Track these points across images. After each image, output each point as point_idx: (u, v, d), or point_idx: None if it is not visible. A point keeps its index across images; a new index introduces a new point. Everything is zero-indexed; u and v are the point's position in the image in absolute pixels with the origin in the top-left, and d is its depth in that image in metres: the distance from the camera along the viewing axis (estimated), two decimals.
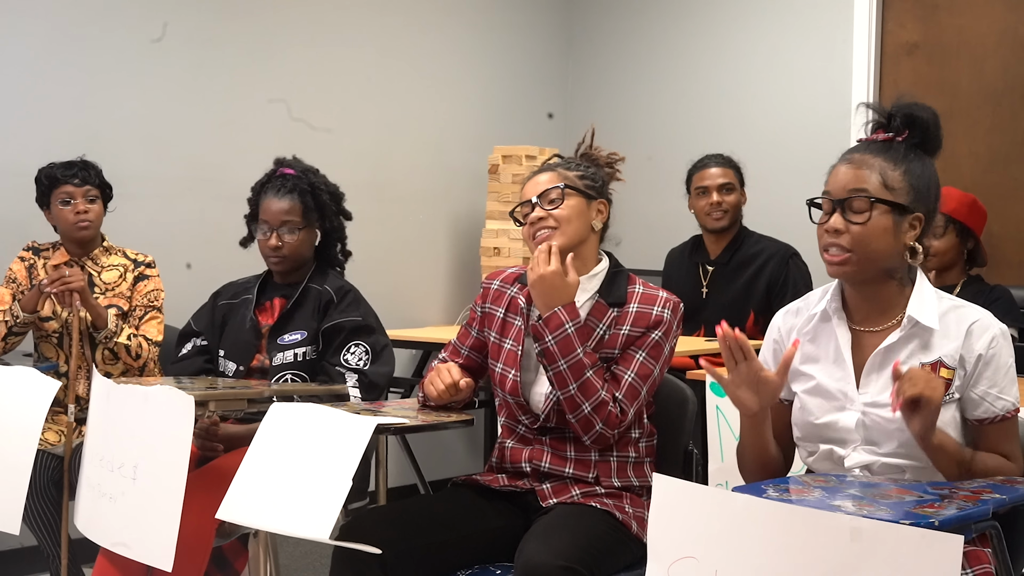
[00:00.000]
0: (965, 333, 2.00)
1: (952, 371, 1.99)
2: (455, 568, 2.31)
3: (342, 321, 2.90)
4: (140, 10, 4.08)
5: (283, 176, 3.02)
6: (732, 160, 4.17)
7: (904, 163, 2.02)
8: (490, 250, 4.83)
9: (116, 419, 2.41)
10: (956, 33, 4.54)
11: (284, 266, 2.99)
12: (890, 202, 1.99)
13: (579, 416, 2.32)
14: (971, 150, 4.49)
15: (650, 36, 5.35)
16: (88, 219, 3.38)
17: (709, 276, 4.12)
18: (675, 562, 1.61)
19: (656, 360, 2.39)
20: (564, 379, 2.31)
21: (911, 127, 2.04)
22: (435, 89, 5.07)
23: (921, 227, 2.02)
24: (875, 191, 1.99)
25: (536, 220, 2.43)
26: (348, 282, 3.03)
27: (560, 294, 2.34)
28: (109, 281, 3.42)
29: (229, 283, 3.14)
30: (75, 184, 3.37)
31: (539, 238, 2.42)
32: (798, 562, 1.49)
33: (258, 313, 3.00)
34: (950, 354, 2.00)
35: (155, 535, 2.25)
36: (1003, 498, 1.74)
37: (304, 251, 3.00)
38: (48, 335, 3.38)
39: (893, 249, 2.00)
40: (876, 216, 1.99)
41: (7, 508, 2.51)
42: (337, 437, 2.16)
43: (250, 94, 4.40)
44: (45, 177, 3.40)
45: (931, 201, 2.04)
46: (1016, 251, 4.40)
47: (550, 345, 2.31)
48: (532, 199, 2.45)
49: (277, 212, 2.95)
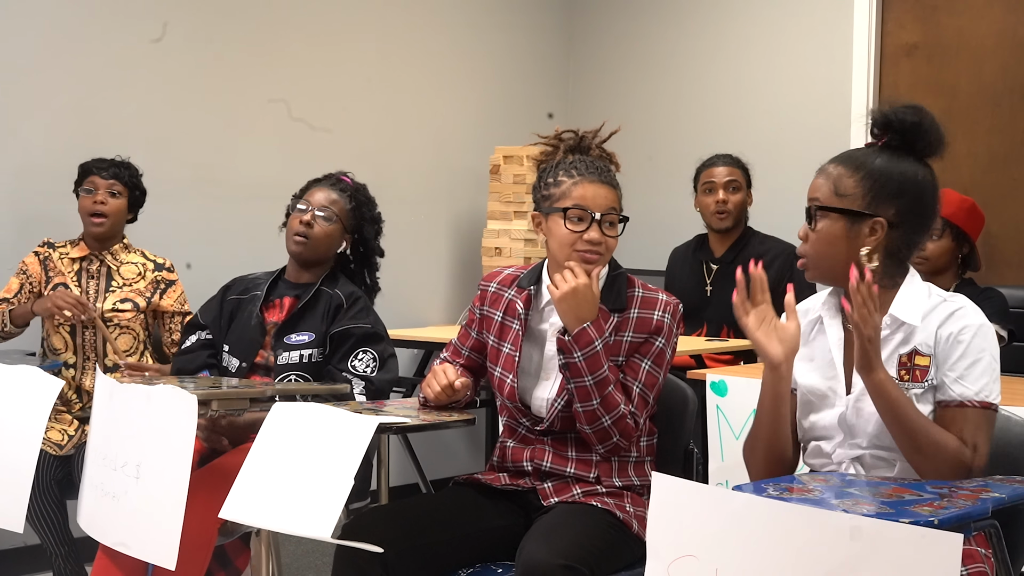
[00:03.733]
0: (942, 318, 2.01)
1: (928, 357, 2.00)
2: (456, 567, 2.31)
3: (352, 327, 2.90)
4: (140, 10, 4.08)
5: (340, 179, 3.12)
6: (740, 160, 4.17)
7: (866, 168, 2.03)
8: (491, 250, 4.84)
9: (119, 418, 2.42)
10: (955, 34, 4.55)
11: (305, 250, 2.99)
12: (837, 209, 2.02)
13: (597, 428, 2.32)
14: (970, 151, 4.50)
15: (650, 36, 5.36)
16: (104, 211, 3.41)
17: (713, 275, 4.12)
18: (675, 560, 1.61)
19: (660, 367, 2.40)
20: (588, 394, 2.30)
21: (888, 130, 2.06)
22: (435, 89, 5.08)
23: (885, 231, 2.02)
24: (824, 199, 2.05)
25: (594, 241, 2.34)
26: (359, 289, 3.04)
27: (590, 308, 2.31)
28: (128, 277, 3.46)
29: (240, 277, 3.14)
30: (102, 176, 3.42)
31: (590, 260, 2.34)
32: (798, 561, 1.50)
33: (265, 310, 3.00)
34: (924, 341, 2.01)
35: (158, 534, 2.26)
36: (1002, 497, 1.74)
37: (328, 245, 3.02)
38: (60, 324, 3.39)
39: (847, 256, 2.03)
40: (826, 224, 2.04)
41: (11, 507, 2.52)
42: (339, 436, 2.16)
43: (250, 94, 4.40)
44: (81, 167, 3.47)
45: (904, 203, 2.03)
46: (1015, 251, 4.41)
47: (578, 361, 2.29)
48: (595, 214, 2.36)
49: (322, 197, 3.03)
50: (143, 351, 3.48)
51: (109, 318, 3.39)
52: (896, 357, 2.02)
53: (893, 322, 2.04)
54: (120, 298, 3.41)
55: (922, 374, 2.00)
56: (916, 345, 2.01)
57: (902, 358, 2.01)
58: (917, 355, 2.01)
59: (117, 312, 3.40)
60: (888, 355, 2.02)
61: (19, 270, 3.44)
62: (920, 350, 2.01)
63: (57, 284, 3.39)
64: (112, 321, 3.40)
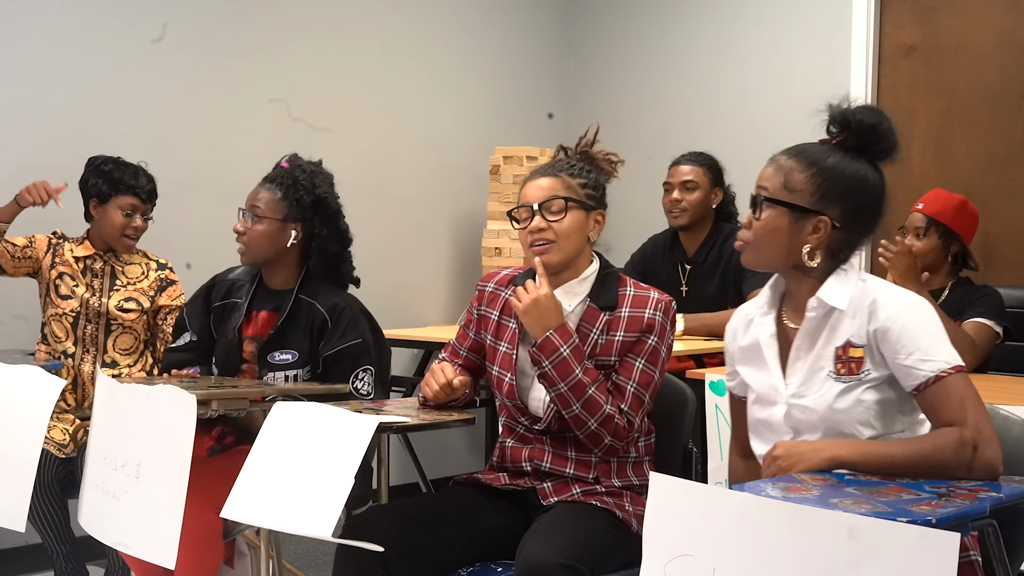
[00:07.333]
0: (868, 311, 1.97)
1: (861, 349, 1.97)
2: (456, 566, 2.32)
3: (343, 347, 2.81)
4: (140, 10, 4.09)
5: (276, 168, 2.98)
6: (708, 158, 4.12)
7: (818, 165, 2.01)
8: (491, 250, 4.84)
9: (119, 418, 2.43)
10: (954, 35, 4.56)
11: (245, 256, 2.89)
12: (784, 203, 2.01)
13: (587, 432, 2.32)
14: (969, 151, 4.51)
15: (650, 36, 5.36)
16: (138, 235, 3.49)
17: (687, 274, 4.12)
18: (672, 560, 1.61)
19: (655, 365, 2.39)
20: (567, 400, 2.31)
21: (846, 130, 2.04)
22: (435, 89, 5.08)
23: (828, 231, 1.99)
24: (773, 191, 2.03)
25: (536, 230, 2.39)
26: (341, 297, 2.91)
27: (555, 316, 2.32)
28: (132, 276, 3.49)
29: (220, 278, 3.05)
30: (142, 199, 3.47)
31: (536, 250, 2.38)
32: (796, 560, 1.50)
33: (244, 323, 2.92)
34: (856, 333, 1.98)
35: (158, 533, 2.26)
36: (1000, 496, 1.75)
37: (270, 243, 2.86)
38: (63, 314, 3.40)
39: (788, 249, 2.01)
40: (771, 215, 2.02)
41: (13, 506, 2.52)
42: (340, 436, 2.17)
43: (250, 94, 4.41)
44: (115, 175, 3.44)
45: (850, 205, 2.00)
46: (1013, 251, 4.41)
47: (548, 370, 2.30)
48: (533, 206, 2.40)
49: (250, 197, 2.91)
50: (143, 351, 3.49)
51: (114, 317, 3.41)
52: (831, 349, 2.00)
53: (821, 305, 2.01)
54: (124, 296, 3.43)
55: (857, 366, 1.97)
56: (849, 337, 1.98)
57: (837, 351, 1.99)
58: (851, 347, 1.98)
59: (122, 313, 3.41)
60: (822, 345, 2.01)
61: (30, 237, 3.46)
62: (853, 342, 1.98)
63: (62, 273, 3.42)
64: (116, 321, 3.41)
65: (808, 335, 2.03)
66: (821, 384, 2.00)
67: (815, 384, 2.01)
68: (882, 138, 2.02)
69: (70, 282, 3.41)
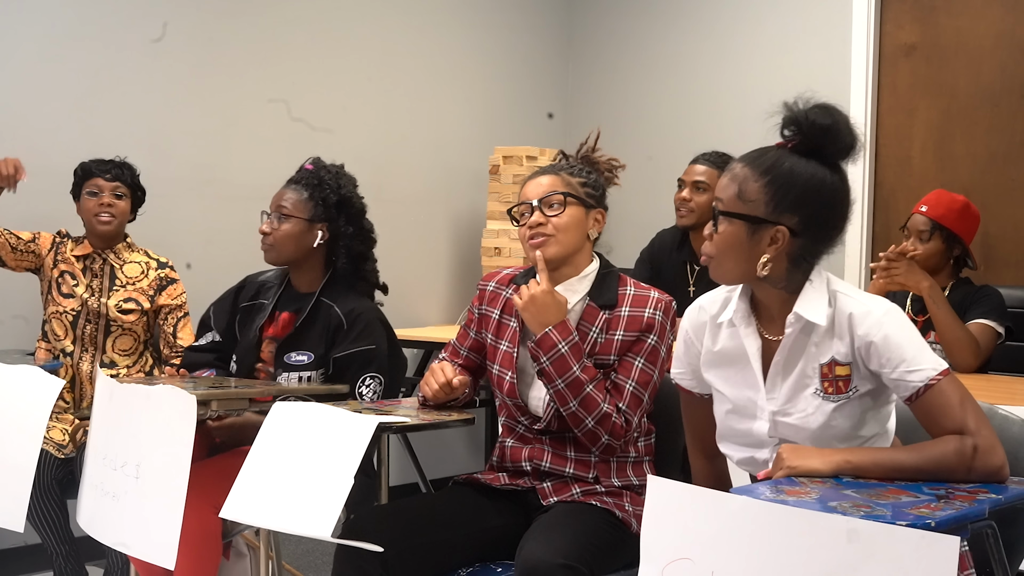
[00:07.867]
0: (847, 327, 1.92)
1: (847, 367, 1.93)
2: (456, 566, 2.32)
3: (353, 351, 2.82)
4: (140, 10, 4.09)
5: (301, 170, 3.02)
6: (727, 161, 4.12)
7: (772, 173, 1.93)
8: (491, 250, 4.84)
9: (119, 418, 2.43)
10: (954, 34, 4.56)
11: (271, 255, 2.92)
12: (738, 215, 1.93)
13: (584, 430, 2.33)
14: (969, 151, 4.51)
15: (650, 36, 5.36)
16: (110, 212, 3.44)
17: (696, 274, 4.11)
18: (670, 563, 1.61)
19: (654, 365, 2.40)
20: (564, 397, 2.31)
21: (799, 133, 1.95)
22: (435, 89, 5.08)
23: (786, 240, 1.91)
24: (727, 203, 1.95)
25: (535, 225, 2.42)
26: (361, 303, 2.92)
27: (555, 312, 2.33)
28: (131, 275, 3.48)
29: (251, 279, 3.09)
30: (106, 178, 3.45)
31: (534, 243, 2.41)
32: (795, 563, 1.50)
33: (266, 324, 2.96)
34: (841, 351, 1.93)
35: (157, 533, 2.26)
36: (999, 498, 1.75)
37: (296, 244, 2.90)
38: (63, 312, 3.40)
39: (747, 261, 1.94)
40: (728, 228, 1.95)
41: (12, 506, 2.52)
42: (339, 436, 2.17)
43: (250, 94, 4.41)
44: (80, 169, 3.49)
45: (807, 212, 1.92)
46: (1013, 251, 4.41)
47: (546, 366, 2.31)
48: (532, 202, 2.43)
49: (276, 198, 2.94)
50: (142, 352, 3.49)
51: (113, 319, 3.41)
52: (816, 367, 1.96)
53: (798, 320, 1.96)
54: (124, 297, 3.43)
55: (845, 384, 1.94)
56: (833, 356, 1.94)
57: (823, 368, 1.95)
58: (836, 365, 1.94)
59: (122, 315, 3.41)
60: (805, 363, 1.96)
61: (35, 233, 3.47)
62: (839, 360, 1.94)
63: (64, 271, 3.42)
64: (116, 323, 3.41)
65: (789, 351, 1.98)
66: (807, 402, 1.97)
67: (800, 402, 1.98)
68: (837, 139, 1.93)
69: (71, 281, 3.41)
